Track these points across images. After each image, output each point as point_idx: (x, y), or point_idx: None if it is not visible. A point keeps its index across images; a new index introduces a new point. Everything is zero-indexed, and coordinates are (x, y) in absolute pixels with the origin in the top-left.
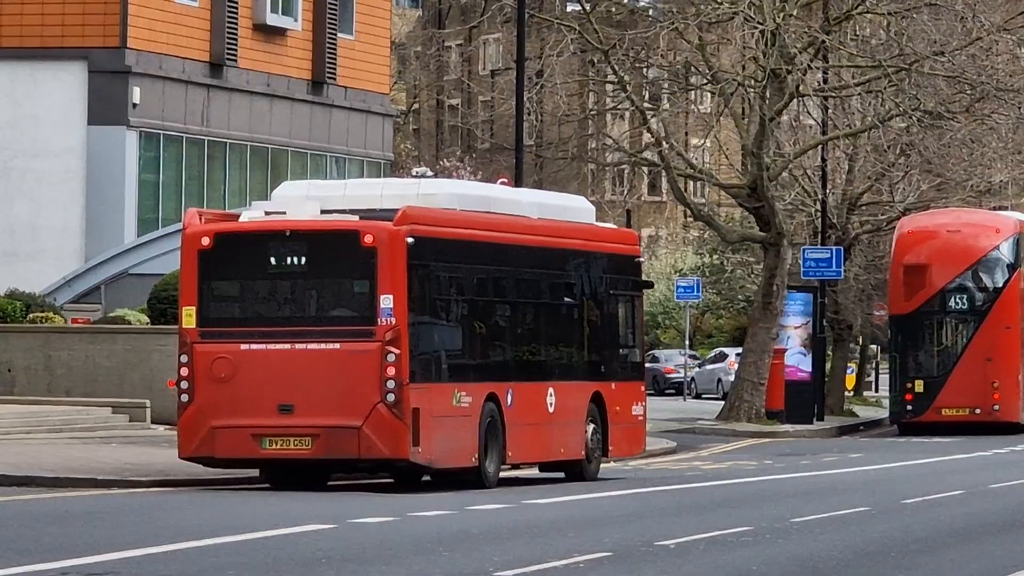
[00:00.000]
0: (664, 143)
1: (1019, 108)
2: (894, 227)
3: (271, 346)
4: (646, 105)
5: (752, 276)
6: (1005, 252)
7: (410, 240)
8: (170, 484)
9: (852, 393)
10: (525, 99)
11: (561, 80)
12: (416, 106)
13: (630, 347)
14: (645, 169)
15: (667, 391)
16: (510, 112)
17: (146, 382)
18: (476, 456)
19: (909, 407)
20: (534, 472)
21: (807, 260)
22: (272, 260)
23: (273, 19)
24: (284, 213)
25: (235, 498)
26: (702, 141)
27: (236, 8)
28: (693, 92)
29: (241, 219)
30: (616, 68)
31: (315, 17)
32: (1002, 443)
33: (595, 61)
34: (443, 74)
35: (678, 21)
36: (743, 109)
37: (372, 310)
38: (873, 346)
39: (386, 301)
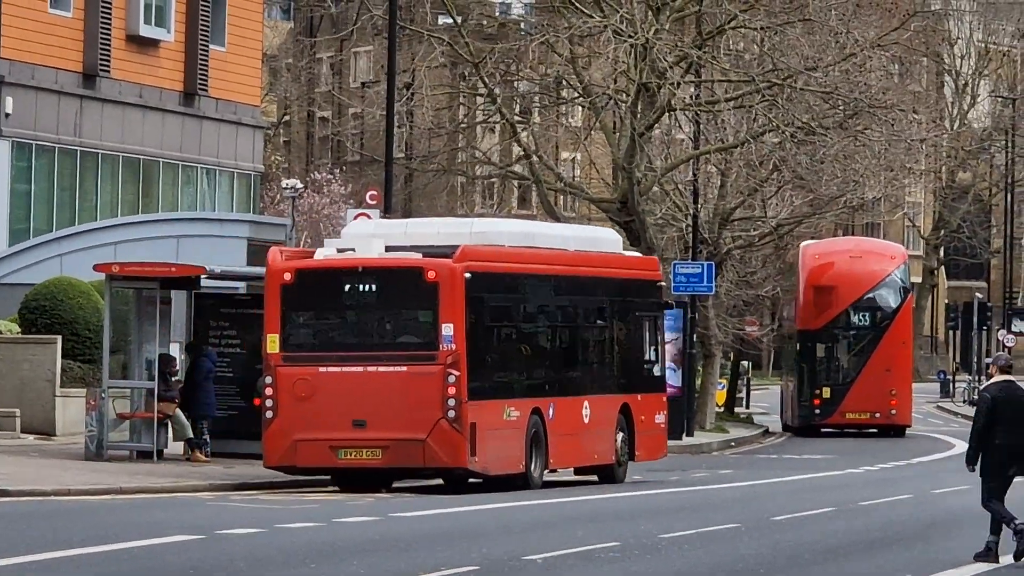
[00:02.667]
0: (534, 156)
1: (892, 124)
2: (767, 242)
3: (346, 369)
4: (516, 118)
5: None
6: (900, 276)
7: (468, 275)
8: (40, 494)
9: (723, 409)
10: (395, 111)
11: (431, 92)
12: (287, 118)
13: (653, 362)
14: (515, 182)
15: None
16: (380, 124)
17: (16, 391)
18: (523, 463)
19: (817, 411)
20: (571, 475)
21: (678, 275)
22: (346, 293)
23: (146, 30)
24: (353, 250)
25: (110, 507)
26: (572, 155)
27: (109, 19)
28: (564, 105)
29: (316, 256)
30: (487, 81)
31: (187, 29)
32: (874, 460)
33: (466, 74)
34: (314, 86)
35: (549, 34)
36: (614, 123)
37: (435, 337)
38: (744, 362)
39: (447, 329)
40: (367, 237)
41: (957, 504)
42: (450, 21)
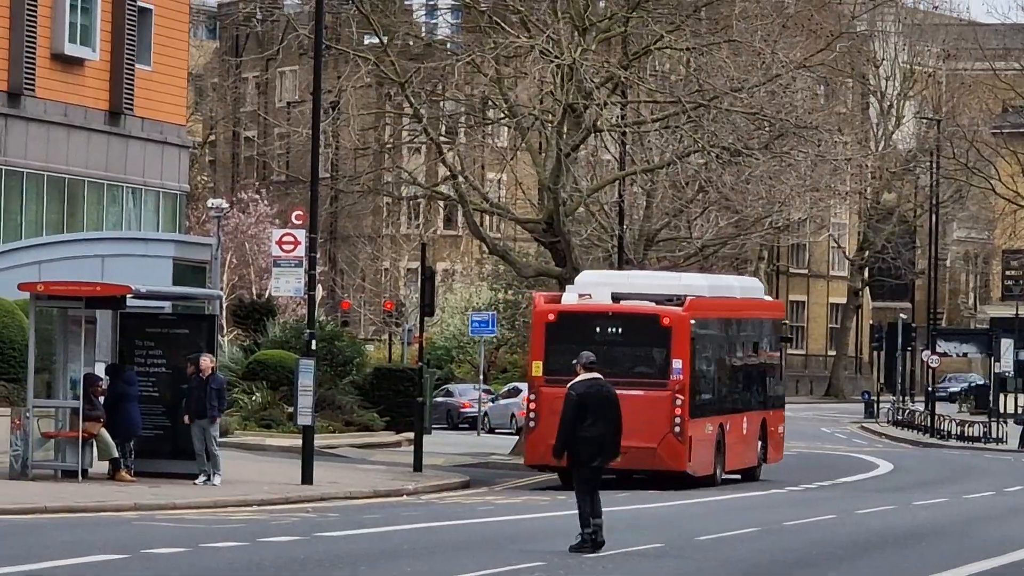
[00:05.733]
0: (460, 177)
1: (817, 145)
2: (692, 263)
3: None
4: (442, 138)
5: None
6: None
7: (692, 322)
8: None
9: None
10: (321, 131)
11: (357, 112)
12: (212, 137)
13: (780, 384)
14: (441, 203)
15: (461, 425)
16: (306, 144)
17: None
18: (712, 467)
19: None
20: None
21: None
22: (597, 331)
23: (72, 49)
24: (590, 296)
25: (34, 526)
26: (498, 175)
27: (35, 38)
28: (490, 126)
29: (564, 300)
30: (412, 101)
31: (113, 48)
32: (798, 480)
33: (391, 94)
34: (239, 106)
35: (475, 54)
36: (540, 144)
37: (666, 369)
38: None
39: (677, 363)
40: (597, 285)
41: (881, 524)
42: (376, 41)
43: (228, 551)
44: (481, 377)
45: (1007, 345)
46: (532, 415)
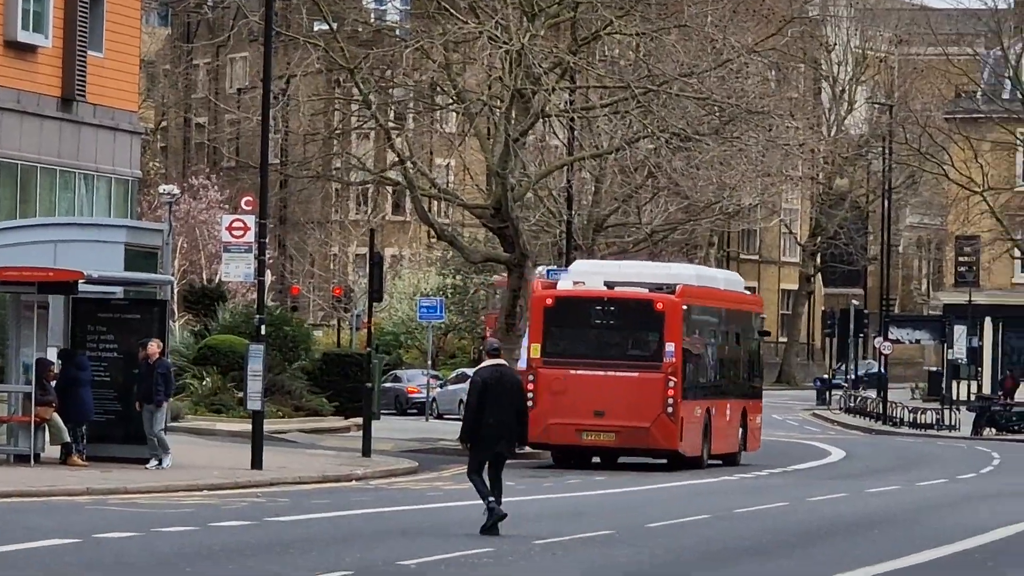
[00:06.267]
0: (408, 162)
1: (769, 130)
2: (641, 248)
3: (591, 372)
4: (391, 124)
5: (495, 297)
6: None
7: (684, 307)
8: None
9: None
10: (271, 117)
11: (306, 98)
12: (164, 124)
13: (759, 376)
14: (389, 188)
15: (409, 411)
16: (256, 130)
17: None
18: (701, 449)
19: None
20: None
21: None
22: (593, 316)
23: (24, 36)
24: (583, 283)
25: None
26: (447, 161)
27: None
28: (438, 111)
29: (559, 286)
30: (361, 87)
31: (66, 35)
32: (750, 468)
33: (341, 80)
34: (191, 92)
35: (424, 40)
36: (488, 129)
37: (659, 352)
38: None
39: (670, 347)
40: (590, 274)
41: (832, 512)
42: (325, 27)
43: (179, 536)
44: (429, 363)
45: (960, 332)
46: (530, 395)
